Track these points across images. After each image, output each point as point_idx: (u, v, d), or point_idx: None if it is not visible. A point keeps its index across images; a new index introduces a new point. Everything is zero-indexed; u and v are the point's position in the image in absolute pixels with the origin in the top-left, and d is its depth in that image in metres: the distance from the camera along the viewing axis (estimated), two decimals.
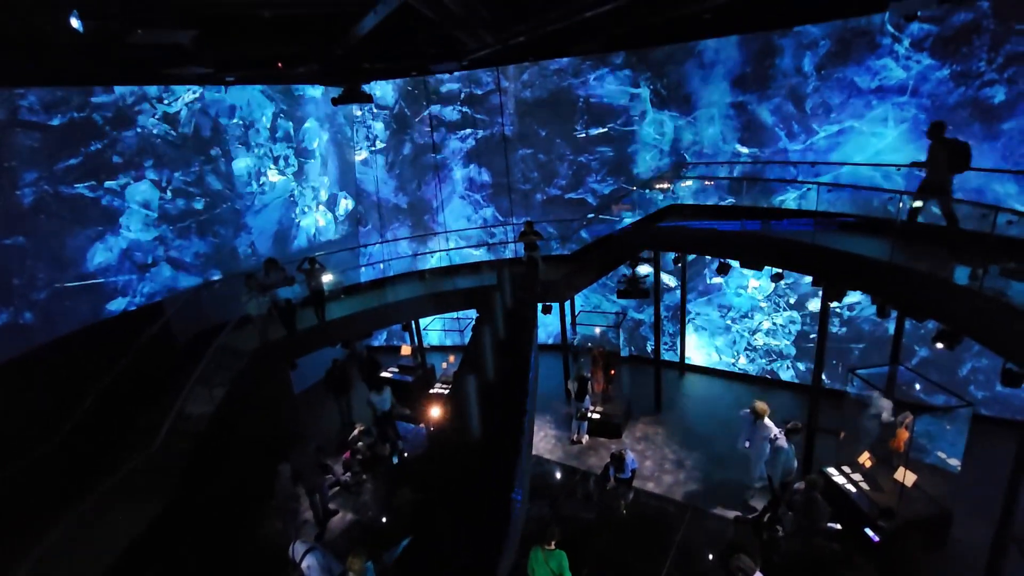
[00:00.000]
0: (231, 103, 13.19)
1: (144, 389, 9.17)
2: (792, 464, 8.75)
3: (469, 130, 17.10)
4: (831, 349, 13.18)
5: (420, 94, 17.23)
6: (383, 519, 10.19)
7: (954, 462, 8.53)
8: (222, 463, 8.41)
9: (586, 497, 10.47)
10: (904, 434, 8.57)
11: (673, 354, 15.37)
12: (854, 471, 9.18)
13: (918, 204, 8.25)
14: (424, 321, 15.84)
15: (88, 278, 10.28)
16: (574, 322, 13.86)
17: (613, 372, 13.20)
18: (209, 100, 12.54)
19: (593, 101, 15.28)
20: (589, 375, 12.63)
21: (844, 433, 9.69)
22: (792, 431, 8.85)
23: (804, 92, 12.52)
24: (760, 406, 9.20)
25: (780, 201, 13.13)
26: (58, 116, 9.74)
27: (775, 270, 10.90)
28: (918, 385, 9.34)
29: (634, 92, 14.74)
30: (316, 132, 16.13)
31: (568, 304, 13.32)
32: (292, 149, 15.19)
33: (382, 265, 16.41)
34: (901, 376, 9.45)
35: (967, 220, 8.11)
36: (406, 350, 15.79)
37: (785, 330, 13.97)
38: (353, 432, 11.86)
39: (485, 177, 17.38)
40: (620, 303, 15.55)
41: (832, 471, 9.27)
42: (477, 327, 7.89)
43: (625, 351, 15.18)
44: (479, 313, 10.77)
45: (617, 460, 9.73)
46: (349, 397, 13.08)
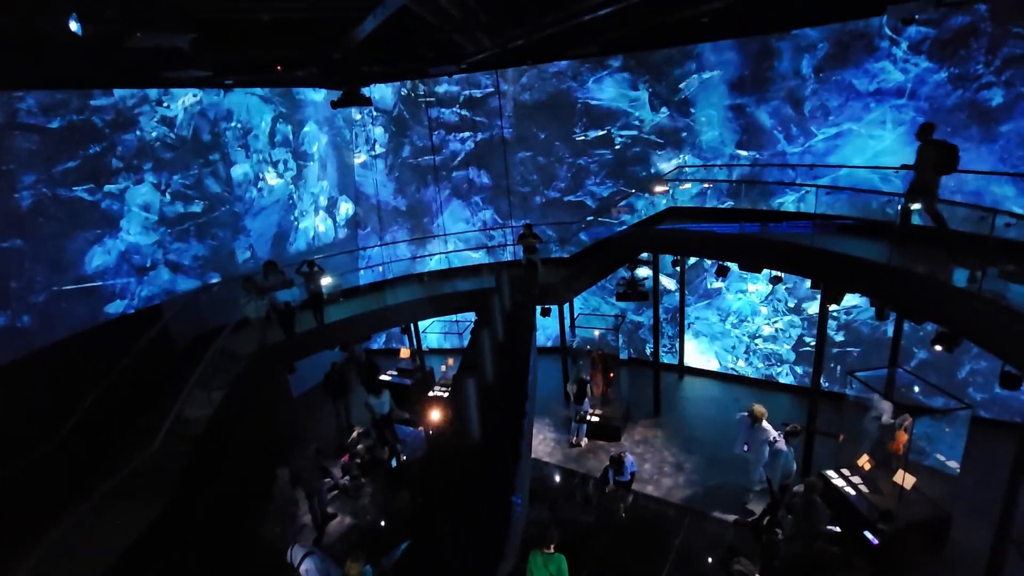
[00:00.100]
0: (231, 106, 13.18)
1: (143, 392, 9.15)
2: (791, 467, 8.74)
3: (468, 133, 17.11)
4: (829, 353, 13.20)
5: (419, 97, 17.25)
6: (382, 523, 10.17)
7: (953, 464, 8.52)
8: (221, 466, 8.39)
9: (585, 500, 10.44)
10: (903, 436, 8.57)
11: (672, 357, 15.37)
12: (853, 474, 9.19)
13: (916, 206, 8.26)
14: (423, 324, 15.83)
15: (86, 281, 10.26)
16: (573, 325, 13.85)
17: (612, 375, 13.19)
18: (208, 104, 12.53)
19: (592, 104, 15.31)
20: (588, 378, 12.62)
21: (843, 436, 9.69)
22: (791, 434, 8.85)
23: (802, 95, 12.55)
24: (758, 409, 9.18)
25: (779, 204, 13.15)
26: (57, 119, 9.73)
27: (774, 273, 10.89)
28: (917, 387, 9.33)
29: (633, 95, 14.77)
30: (315, 136, 16.13)
31: (567, 307, 13.31)
32: (291, 153, 15.19)
33: (381, 268, 16.40)
34: (900, 378, 9.45)
35: (965, 222, 8.13)
36: (405, 353, 15.77)
37: (785, 334, 13.97)
38: (352, 435, 11.84)
39: (484, 179, 17.39)
40: (619, 306, 15.56)
41: (831, 474, 9.27)
42: (476, 330, 7.86)
43: (624, 354, 15.18)
44: (478, 316, 10.75)
45: (616, 463, 9.71)
46: (348, 400, 13.06)
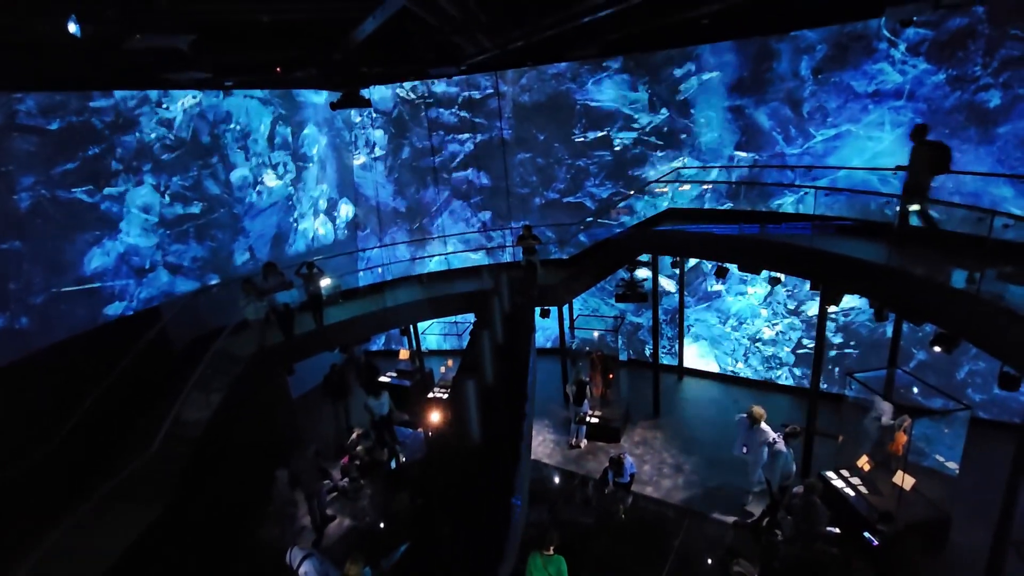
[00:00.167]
0: (231, 109, 13.18)
1: (142, 394, 9.15)
2: (790, 468, 8.74)
3: (467, 134, 17.11)
4: (828, 355, 13.21)
5: (418, 98, 17.26)
6: (381, 524, 10.15)
7: (952, 465, 8.53)
8: (219, 468, 8.38)
9: (585, 502, 10.44)
10: (902, 437, 8.58)
11: (671, 358, 15.37)
12: (853, 475, 9.19)
13: (915, 207, 8.30)
14: (422, 325, 15.82)
15: (85, 283, 10.25)
16: (572, 326, 13.86)
17: (612, 376, 13.19)
18: (207, 105, 12.53)
19: (591, 105, 15.32)
20: (587, 379, 12.61)
21: (842, 437, 9.69)
22: (790, 435, 8.85)
23: (801, 96, 12.57)
24: (757, 411, 9.18)
25: (778, 205, 13.16)
26: (56, 120, 9.72)
27: (772, 274, 10.89)
28: (916, 388, 9.34)
29: (632, 96, 14.78)
30: (315, 138, 16.13)
31: (566, 308, 13.32)
32: (290, 155, 15.19)
33: (380, 269, 16.39)
34: (899, 379, 9.46)
35: (964, 223, 8.16)
36: (404, 354, 15.77)
37: (785, 336, 13.98)
38: (351, 437, 11.83)
39: (484, 181, 17.39)
40: (618, 307, 15.56)
41: (831, 475, 9.27)
42: (475, 331, 7.87)
43: (623, 355, 15.18)
44: (477, 317, 10.75)
45: (616, 464, 9.70)
46: (347, 402, 13.04)
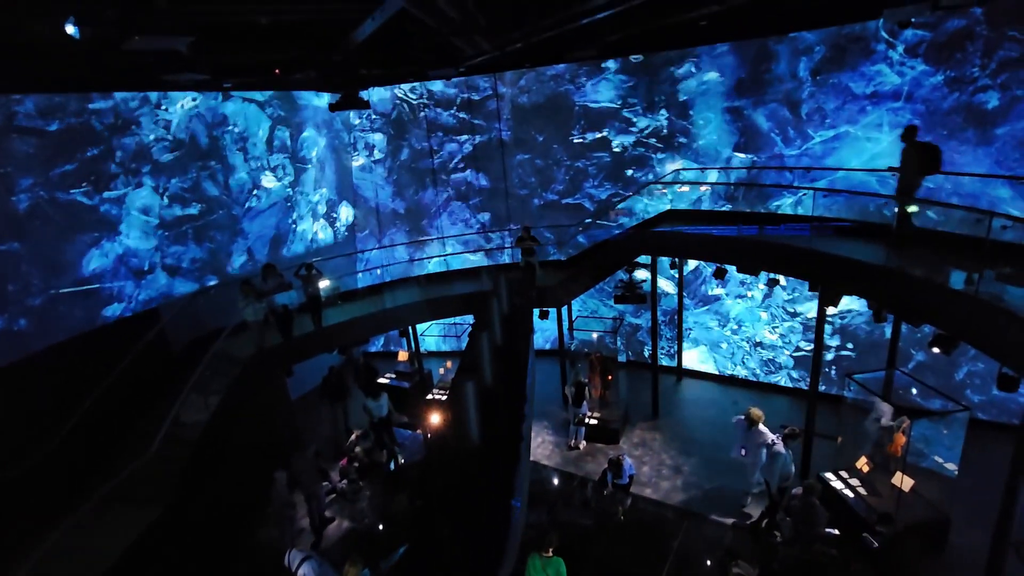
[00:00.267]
0: (229, 115, 13.19)
1: (140, 395, 9.14)
2: (789, 469, 8.74)
3: (466, 135, 17.12)
4: (827, 356, 13.22)
5: (417, 99, 17.26)
6: (380, 526, 10.14)
7: (951, 466, 8.53)
8: (218, 469, 8.36)
9: (584, 503, 10.43)
10: (901, 439, 8.58)
11: (669, 359, 15.37)
12: (852, 476, 9.19)
13: (913, 208, 8.33)
14: (421, 327, 15.81)
15: (83, 284, 10.23)
16: (571, 327, 13.85)
17: (611, 377, 13.18)
18: (206, 107, 12.53)
19: (590, 107, 15.33)
20: (587, 380, 12.60)
21: (841, 438, 9.69)
22: (789, 436, 8.85)
23: (799, 97, 12.59)
24: (755, 412, 9.18)
25: (776, 206, 13.18)
26: (55, 122, 9.71)
27: (771, 276, 10.90)
28: (915, 389, 9.35)
29: (631, 98, 14.80)
30: (314, 140, 16.13)
31: (565, 309, 13.31)
32: (289, 158, 15.18)
33: (379, 271, 16.39)
34: (898, 380, 9.46)
35: (962, 224, 8.19)
36: (403, 356, 15.75)
37: (784, 339, 13.98)
38: (350, 438, 11.81)
39: (483, 182, 17.40)
40: (617, 308, 15.56)
41: (830, 476, 9.27)
42: (474, 333, 7.86)
43: (623, 356, 15.18)
44: (476, 319, 10.75)
45: (615, 466, 9.69)
46: (346, 404, 13.03)
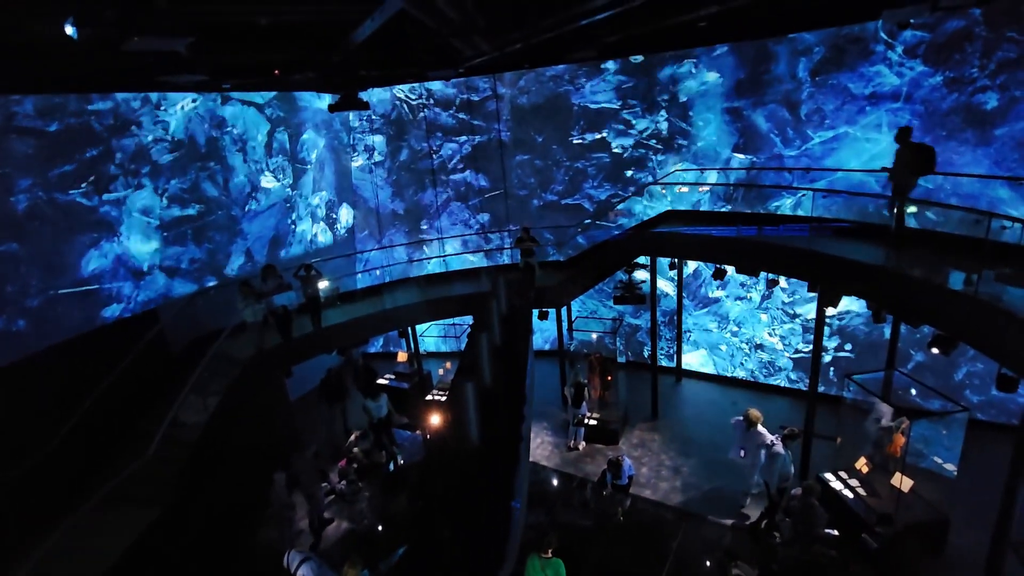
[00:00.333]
0: (228, 118, 13.19)
1: (139, 396, 9.13)
2: (789, 470, 8.74)
3: (466, 136, 17.12)
4: (826, 357, 13.23)
5: (417, 100, 17.26)
6: (379, 527, 10.13)
7: (950, 467, 8.53)
8: (217, 470, 8.36)
9: (583, 504, 10.42)
10: (901, 439, 8.58)
11: (668, 360, 15.37)
12: (851, 477, 9.19)
13: (912, 209, 8.37)
14: (420, 327, 15.80)
15: (82, 285, 10.22)
16: (571, 328, 13.84)
17: (610, 378, 13.17)
18: (206, 108, 12.53)
19: (589, 107, 15.33)
20: (586, 381, 12.60)
21: (840, 439, 9.69)
22: (789, 437, 8.85)
23: (799, 98, 12.60)
24: (753, 413, 9.19)
25: (776, 207, 13.18)
26: (54, 122, 9.70)
27: (770, 276, 10.90)
28: (914, 390, 9.35)
29: (630, 99, 14.80)
30: (314, 142, 16.13)
31: (565, 310, 13.31)
32: (288, 159, 15.18)
33: (379, 271, 16.38)
34: (897, 381, 9.47)
35: (961, 225, 8.20)
36: (402, 356, 15.74)
37: (784, 341, 13.99)
38: (349, 439, 11.79)
39: (482, 183, 17.40)
40: (617, 309, 15.56)
41: (829, 477, 9.27)
42: (473, 333, 7.86)
43: (622, 357, 15.17)
44: (475, 319, 10.74)
45: (614, 467, 9.69)
46: (345, 405, 13.01)
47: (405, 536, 8.29)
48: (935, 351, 7.23)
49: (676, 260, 12.87)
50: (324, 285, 11.64)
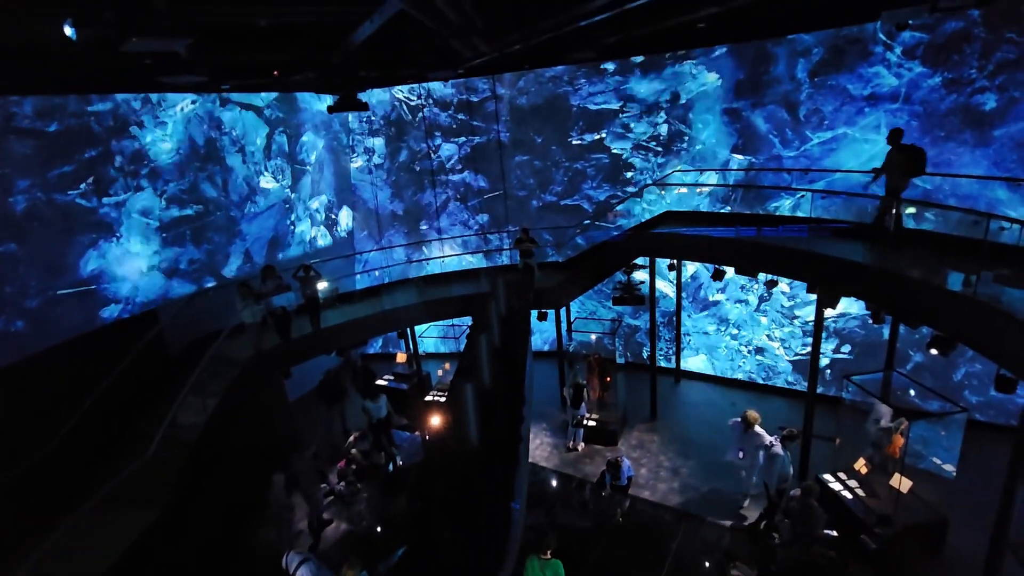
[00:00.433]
0: (227, 120, 13.20)
1: (139, 397, 9.12)
2: (788, 471, 8.74)
3: (465, 137, 17.12)
4: (825, 358, 13.23)
5: (416, 101, 17.27)
6: (378, 529, 10.12)
7: (949, 468, 8.54)
8: (216, 471, 8.35)
9: (582, 505, 10.42)
10: (900, 440, 8.59)
11: (666, 362, 15.37)
12: (850, 478, 9.19)
13: (911, 210, 8.41)
14: (419, 328, 15.81)
15: (81, 286, 10.21)
16: (570, 329, 13.85)
17: (609, 379, 13.17)
18: (205, 110, 12.54)
19: (588, 108, 15.34)
20: (585, 382, 12.60)
21: (839, 440, 9.69)
22: (788, 438, 8.85)
23: (797, 99, 12.61)
24: (751, 414, 9.19)
25: (775, 207, 13.19)
26: (54, 123, 9.70)
27: (769, 277, 10.91)
28: (912, 391, 9.36)
29: (629, 99, 14.81)
30: (313, 144, 16.14)
31: (564, 311, 13.31)
32: (288, 160, 15.18)
33: (378, 272, 16.38)
34: (896, 382, 9.47)
35: (959, 226, 8.22)
36: (401, 357, 15.74)
37: (784, 344, 13.99)
38: (348, 439, 11.79)
39: (481, 183, 17.40)
40: (616, 310, 15.56)
41: (828, 478, 9.27)
42: (472, 334, 7.86)
43: (621, 358, 15.18)
44: (474, 320, 10.75)
45: (613, 467, 9.68)
46: (343, 406, 13.00)
47: (404, 537, 8.28)
48: (934, 352, 7.24)
49: (675, 261, 12.88)
50: (323, 286, 11.64)
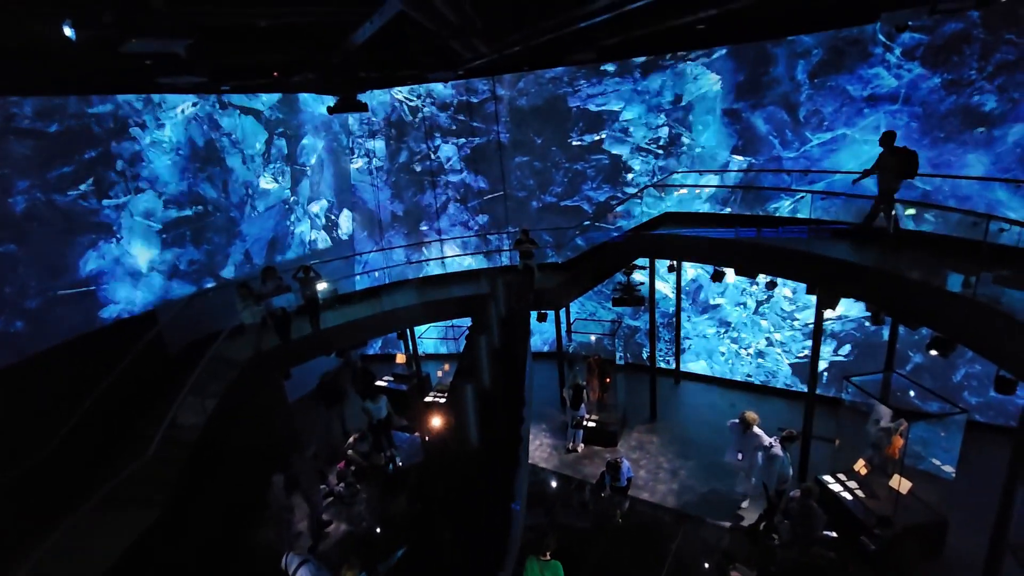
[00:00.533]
0: (227, 125, 13.21)
1: (138, 398, 9.11)
2: (787, 472, 8.74)
3: (464, 138, 17.12)
4: (826, 360, 13.23)
5: (416, 102, 17.28)
6: (377, 530, 10.11)
7: (949, 469, 8.54)
8: (216, 472, 8.35)
9: (582, 506, 10.42)
10: (899, 441, 8.59)
11: (665, 363, 15.37)
12: (849, 479, 9.19)
13: (911, 211, 8.44)
14: (419, 329, 15.80)
15: (81, 286, 10.21)
16: (569, 330, 13.85)
17: (609, 380, 13.18)
18: (205, 111, 12.54)
19: (588, 109, 15.35)
20: (585, 383, 12.60)
21: (839, 441, 9.69)
22: (787, 439, 8.85)
23: (797, 100, 12.61)
24: (749, 415, 9.19)
25: (774, 208, 13.19)
26: (54, 124, 9.70)
27: (769, 278, 10.92)
28: (912, 392, 9.36)
29: (629, 101, 14.81)
30: (313, 147, 16.14)
31: (563, 312, 13.31)
32: (288, 161, 15.18)
33: (377, 273, 16.37)
34: (895, 383, 9.48)
35: (959, 227, 8.22)
36: (401, 358, 15.74)
37: (785, 348, 13.99)
38: (348, 440, 11.78)
39: (481, 184, 17.40)
40: (616, 311, 15.57)
41: (828, 479, 9.27)
42: (472, 335, 7.86)
43: (620, 359, 15.18)
44: (474, 321, 10.74)
45: (613, 468, 9.68)
46: (342, 407, 12.99)
47: (404, 538, 8.28)
48: (933, 353, 7.25)
49: (674, 262, 12.89)
50: (323, 287, 11.63)
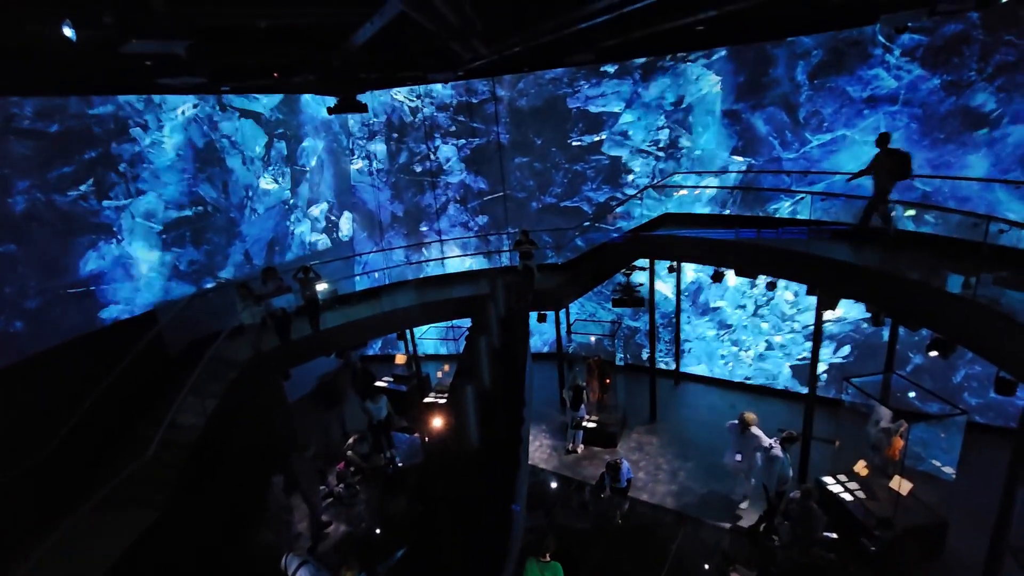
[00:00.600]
0: (227, 128, 13.21)
1: (138, 398, 9.11)
2: (787, 473, 8.73)
3: (464, 139, 17.13)
4: (825, 360, 13.23)
5: (416, 102, 17.28)
6: (377, 530, 10.10)
7: (949, 470, 8.54)
8: (216, 473, 8.34)
9: (582, 507, 10.41)
10: (899, 442, 8.59)
11: (665, 364, 15.37)
12: (850, 480, 9.19)
13: (911, 212, 8.48)
14: (419, 330, 15.80)
15: (80, 286, 10.20)
16: (569, 330, 13.84)
17: (608, 381, 13.17)
18: (205, 112, 12.55)
19: (588, 110, 15.35)
20: (584, 384, 12.60)
21: (839, 442, 9.69)
22: (787, 440, 8.84)
23: (797, 101, 12.62)
24: (748, 416, 9.18)
25: (774, 209, 13.19)
26: (54, 124, 9.70)
27: (769, 279, 10.91)
28: (912, 393, 9.35)
29: (628, 101, 14.82)
30: (313, 148, 16.14)
31: (563, 312, 13.31)
32: (288, 162, 15.18)
33: (377, 274, 16.37)
34: (895, 384, 9.47)
35: (959, 228, 8.23)
36: (400, 359, 15.73)
37: (785, 350, 13.98)
38: (348, 441, 11.77)
39: (481, 185, 17.41)
40: (615, 311, 15.56)
41: (828, 480, 9.27)
42: (472, 336, 7.85)
43: (620, 360, 15.17)
44: (474, 322, 10.73)
45: (613, 470, 9.68)
46: (342, 408, 12.98)
47: (404, 539, 8.27)
48: (933, 354, 7.25)
49: (674, 263, 12.88)
50: (323, 287, 11.62)
